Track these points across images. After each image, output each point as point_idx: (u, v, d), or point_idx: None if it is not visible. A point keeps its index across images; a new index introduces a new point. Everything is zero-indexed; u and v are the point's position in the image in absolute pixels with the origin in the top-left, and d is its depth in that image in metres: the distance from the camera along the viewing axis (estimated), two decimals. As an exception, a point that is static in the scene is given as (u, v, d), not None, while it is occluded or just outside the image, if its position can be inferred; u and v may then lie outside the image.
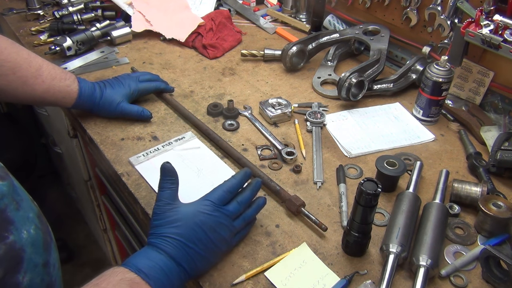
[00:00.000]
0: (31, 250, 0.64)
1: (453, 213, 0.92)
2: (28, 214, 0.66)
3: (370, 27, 1.42)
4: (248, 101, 1.25)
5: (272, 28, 1.63)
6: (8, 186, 0.64)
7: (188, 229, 0.75)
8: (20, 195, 0.67)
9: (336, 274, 0.80)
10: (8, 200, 0.63)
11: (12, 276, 0.60)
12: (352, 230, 0.80)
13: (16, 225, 0.62)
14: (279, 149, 1.07)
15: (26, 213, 0.66)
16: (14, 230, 0.61)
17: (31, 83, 1.00)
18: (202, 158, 1.04)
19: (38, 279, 0.64)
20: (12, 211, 0.63)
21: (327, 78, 1.35)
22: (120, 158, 1.03)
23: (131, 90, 1.12)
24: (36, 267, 0.64)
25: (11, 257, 0.60)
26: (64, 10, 1.54)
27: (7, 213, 0.61)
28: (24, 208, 0.66)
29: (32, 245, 0.64)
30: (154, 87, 1.19)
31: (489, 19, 1.05)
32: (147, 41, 1.52)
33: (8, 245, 0.60)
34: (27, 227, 0.64)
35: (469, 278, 0.80)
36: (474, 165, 1.02)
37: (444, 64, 1.11)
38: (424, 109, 1.17)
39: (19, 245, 0.61)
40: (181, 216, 0.76)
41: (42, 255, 0.66)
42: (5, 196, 0.62)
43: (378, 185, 0.74)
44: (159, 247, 0.73)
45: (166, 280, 0.70)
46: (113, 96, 1.09)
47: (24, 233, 0.63)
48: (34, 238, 0.65)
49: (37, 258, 0.65)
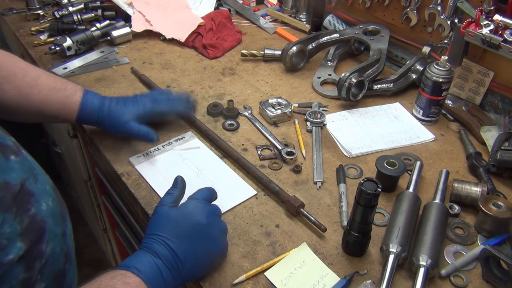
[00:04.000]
0: (51, 221, 0.68)
1: (453, 213, 0.92)
2: (45, 187, 0.70)
3: (370, 27, 1.42)
4: (248, 101, 1.25)
5: (272, 28, 1.63)
6: (22, 161, 0.67)
7: (176, 227, 0.74)
8: (36, 169, 0.70)
9: (336, 274, 0.80)
10: (26, 174, 0.66)
11: (37, 246, 0.64)
12: (352, 230, 0.80)
13: (36, 197, 0.66)
14: (279, 149, 1.07)
15: (43, 186, 0.69)
16: (34, 203, 0.65)
17: (26, 93, 0.93)
18: (202, 158, 1.04)
19: (58, 248, 0.69)
20: (31, 184, 0.66)
21: (327, 78, 1.35)
22: (120, 158, 1.03)
23: (145, 111, 1.02)
24: (56, 237, 0.69)
25: (34, 228, 0.64)
26: (64, 10, 1.54)
27: (27, 186, 0.65)
28: (41, 181, 0.69)
29: (51, 216, 0.68)
30: (173, 112, 1.09)
31: (489, 19, 1.05)
32: (147, 41, 1.52)
33: (31, 217, 0.64)
34: (46, 199, 0.68)
35: (469, 278, 0.80)
36: (474, 165, 1.02)
37: (444, 64, 1.11)
38: (424, 109, 1.17)
39: (40, 216, 0.65)
40: (170, 215, 0.76)
41: (60, 226, 0.71)
42: (22, 170, 0.65)
43: (378, 185, 0.74)
44: (147, 246, 0.73)
45: (156, 274, 0.69)
46: (122, 113, 1.00)
47: (43, 205, 0.67)
48: (52, 209, 0.69)
49: (56, 229, 0.69)
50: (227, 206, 0.92)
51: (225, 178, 0.99)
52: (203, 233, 0.76)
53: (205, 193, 0.83)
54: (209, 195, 0.83)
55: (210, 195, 0.84)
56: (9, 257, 0.59)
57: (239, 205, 0.93)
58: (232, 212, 0.92)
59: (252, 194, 0.95)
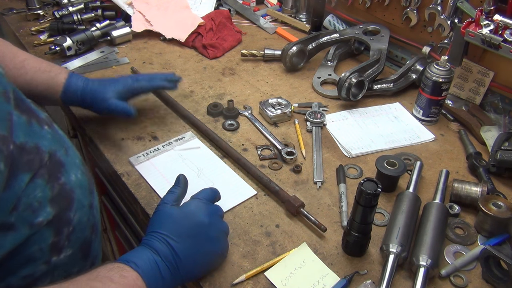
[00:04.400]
0: (79, 192, 0.73)
1: (453, 213, 0.92)
2: (74, 160, 0.75)
3: (370, 27, 1.42)
4: (248, 101, 1.25)
5: (272, 28, 1.63)
6: (54, 133, 0.73)
7: (178, 225, 0.74)
8: (67, 142, 0.76)
9: (336, 274, 0.80)
10: (57, 145, 0.71)
11: (65, 213, 0.69)
12: (352, 230, 0.80)
13: (66, 168, 0.71)
14: (279, 149, 1.07)
15: (73, 159, 0.75)
16: (64, 172, 0.70)
17: (14, 74, 0.96)
18: (202, 158, 1.04)
19: (85, 218, 0.74)
20: (62, 156, 0.71)
21: (327, 78, 1.35)
22: (120, 158, 1.03)
23: (125, 88, 1.06)
24: (84, 207, 0.74)
25: (63, 196, 0.69)
26: (64, 10, 1.54)
27: (58, 156, 0.70)
28: (71, 154, 0.75)
29: (79, 188, 0.73)
30: (151, 87, 1.11)
31: (489, 19, 1.05)
32: (147, 41, 1.52)
33: (61, 185, 0.69)
34: (75, 171, 0.74)
35: (469, 278, 0.80)
36: (474, 165, 1.02)
37: (444, 64, 1.11)
38: (424, 109, 1.17)
39: (69, 186, 0.71)
40: (171, 214, 0.76)
41: (88, 198, 0.76)
42: (53, 141, 0.70)
43: (378, 185, 0.74)
44: (147, 243, 0.72)
45: (154, 270, 0.69)
46: (104, 91, 1.03)
47: (73, 176, 0.73)
48: (81, 181, 0.75)
49: (84, 200, 0.74)
50: (227, 206, 0.92)
51: (225, 178, 0.99)
52: (204, 233, 0.76)
53: (208, 193, 0.82)
54: (212, 195, 0.83)
55: (213, 195, 0.83)
56: (39, 219, 0.64)
57: (239, 205, 0.93)
58: (232, 212, 0.92)
59: (252, 194, 0.95)
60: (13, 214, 0.60)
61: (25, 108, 0.68)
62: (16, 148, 0.60)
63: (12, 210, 0.60)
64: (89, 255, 0.77)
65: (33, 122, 0.67)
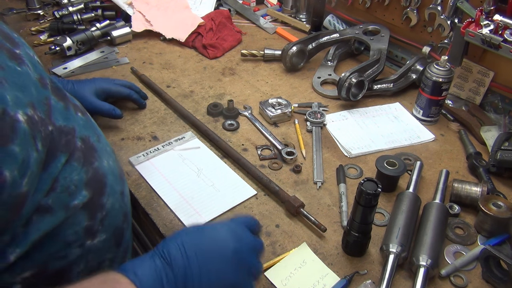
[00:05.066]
0: (112, 178, 0.74)
1: (453, 213, 0.92)
2: (106, 148, 0.77)
3: (370, 27, 1.42)
4: (248, 101, 1.25)
5: (272, 28, 1.63)
6: (87, 120, 0.75)
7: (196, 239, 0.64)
8: (98, 130, 0.79)
9: (336, 274, 0.80)
10: (90, 131, 0.73)
11: (98, 197, 0.70)
12: (352, 230, 0.80)
13: (99, 153, 0.72)
14: (279, 149, 1.07)
15: (104, 147, 0.76)
16: (98, 157, 0.71)
17: None
18: (202, 158, 1.04)
19: (117, 205, 0.74)
20: (95, 142, 0.73)
21: (327, 78, 1.35)
22: (120, 158, 1.03)
23: (102, 88, 1.11)
24: (116, 193, 0.74)
25: (97, 180, 0.70)
26: (64, 10, 1.54)
27: (91, 142, 0.72)
28: (103, 142, 0.77)
29: (111, 174, 0.74)
30: (127, 94, 1.16)
31: (489, 19, 1.05)
32: (147, 41, 1.52)
33: (95, 169, 0.70)
34: (107, 158, 0.75)
35: (469, 278, 0.80)
36: (474, 165, 1.02)
37: (444, 64, 1.11)
38: (424, 109, 1.17)
39: (102, 171, 0.71)
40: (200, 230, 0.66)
41: (119, 184, 0.77)
42: (86, 127, 0.72)
43: (378, 185, 0.74)
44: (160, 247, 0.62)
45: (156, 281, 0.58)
46: (83, 92, 1.07)
47: (105, 162, 0.74)
48: (113, 168, 0.76)
49: (116, 186, 0.75)
50: (227, 206, 0.92)
51: (225, 178, 0.99)
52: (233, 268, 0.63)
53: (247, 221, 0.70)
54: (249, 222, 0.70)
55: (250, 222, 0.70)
56: (75, 202, 0.65)
57: (239, 205, 0.93)
58: (232, 212, 0.92)
59: (252, 194, 0.95)
60: (50, 195, 0.61)
61: (62, 95, 0.70)
62: (56, 130, 0.63)
63: (49, 191, 0.61)
64: (121, 243, 0.76)
65: (70, 107, 0.70)
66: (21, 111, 0.55)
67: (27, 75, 0.60)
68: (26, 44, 0.69)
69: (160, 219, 0.89)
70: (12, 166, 0.53)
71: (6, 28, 0.66)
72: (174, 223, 0.89)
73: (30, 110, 0.57)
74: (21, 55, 0.63)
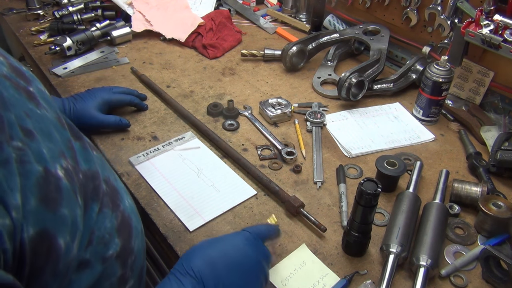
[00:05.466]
0: (134, 218, 0.68)
1: (453, 213, 0.92)
2: (122, 185, 0.71)
3: (370, 27, 1.42)
4: (248, 101, 1.25)
5: (272, 28, 1.63)
6: (101, 158, 0.67)
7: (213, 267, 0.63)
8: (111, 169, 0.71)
9: (336, 274, 0.80)
10: (108, 171, 0.66)
11: (129, 242, 0.64)
12: (352, 230, 0.80)
13: (121, 194, 0.67)
14: (279, 149, 1.07)
15: (121, 184, 0.71)
16: (121, 199, 0.66)
17: None
18: (202, 158, 1.04)
19: (141, 245, 0.69)
20: (114, 181, 0.67)
21: (327, 78, 1.35)
22: (120, 158, 1.03)
23: (103, 101, 1.09)
24: (139, 233, 0.69)
25: (125, 224, 0.64)
26: (64, 10, 1.54)
27: (112, 183, 0.65)
28: (118, 180, 0.71)
29: (133, 213, 0.69)
30: (129, 101, 1.15)
31: (489, 19, 1.05)
32: (147, 41, 1.52)
33: (122, 213, 0.64)
34: (126, 197, 0.69)
35: (469, 278, 0.80)
36: (474, 165, 1.02)
37: (444, 64, 1.11)
38: (424, 109, 1.17)
39: (127, 213, 0.66)
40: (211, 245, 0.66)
41: (139, 223, 0.71)
42: (102, 167, 0.64)
43: (378, 185, 0.74)
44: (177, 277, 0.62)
45: None
46: (86, 109, 1.05)
47: (127, 202, 0.68)
48: (132, 206, 0.70)
49: (138, 225, 0.69)
50: (227, 206, 0.92)
51: (225, 178, 0.99)
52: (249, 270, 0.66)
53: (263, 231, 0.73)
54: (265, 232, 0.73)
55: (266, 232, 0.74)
56: (110, 252, 0.59)
57: (239, 205, 0.93)
58: (232, 212, 0.92)
59: (252, 194, 0.95)
60: (88, 249, 0.55)
61: (76, 134, 0.63)
62: (84, 177, 0.57)
63: (87, 245, 0.55)
64: (142, 280, 0.72)
65: (87, 147, 0.63)
66: (58, 165, 0.50)
67: (47, 118, 0.54)
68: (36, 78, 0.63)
69: (160, 219, 0.89)
70: (65, 233, 0.48)
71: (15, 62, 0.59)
72: (174, 223, 0.89)
73: (63, 161, 0.51)
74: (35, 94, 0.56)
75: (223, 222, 0.89)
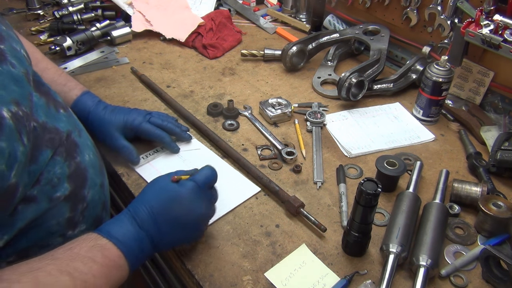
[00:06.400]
0: (92, 171, 0.79)
1: (453, 213, 0.92)
2: (87, 142, 0.81)
3: (370, 27, 1.42)
4: (248, 101, 1.25)
5: (272, 28, 1.63)
6: (69, 116, 0.78)
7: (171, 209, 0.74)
8: (79, 125, 0.82)
9: (336, 274, 0.80)
10: (71, 127, 0.77)
11: (80, 190, 0.75)
12: (352, 230, 0.80)
13: (80, 148, 0.77)
14: (279, 149, 1.07)
15: (85, 141, 0.81)
16: (79, 152, 0.76)
17: None
18: (202, 159, 1.04)
19: (97, 197, 0.80)
20: (76, 137, 0.77)
21: (327, 78, 1.35)
22: (120, 158, 1.03)
23: (131, 126, 1.00)
24: (96, 186, 0.80)
25: (79, 174, 0.75)
26: (64, 10, 1.54)
27: (73, 137, 0.76)
28: (84, 136, 0.81)
29: (92, 167, 0.79)
30: (158, 137, 1.02)
31: (489, 19, 1.05)
32: (147, 41, 1.52)
33: (77, 164, 0.75)
34: (88, 152, 0.80)
35: (469, 278, 0.80)
36: (474, 165, 1.02)
37: (444, 64, 1.11)
38: (424, 109, 1.17)
39: (83, 165, 0.76)
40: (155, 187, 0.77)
41: (99, 177, 0.82)
42: (68, 123, 0.76)
43: (378, 185, 0.74)
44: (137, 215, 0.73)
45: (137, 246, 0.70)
46: (110, 124, 0.99)
47: (86, 156, 0.78)
48: (93, 161, 0.80)
49: (96, 179, 0.80)
50: (231, 205, 0.92)
51: (227, 177, 0.99)
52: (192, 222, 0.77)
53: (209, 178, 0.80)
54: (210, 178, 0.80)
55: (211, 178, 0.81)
56: (57, 194, 0.70)
57: (239, 205, 0.93)
58: (232, 212, 0.92)
59: (256, 191, 0.95)
60: (35, 187, 0.66)
61: (44, 91, 0.74)
62: (39, 126, 0.67)
63: (34, 183, 0.66)
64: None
65: (51, 105, 0.74)
66: (5, 108, 0.58)
67: (8, 73, 0.63)
68: (13, 37, 0.72)
69: (160, 219, 0.89)
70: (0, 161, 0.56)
71: None
72: (174, 223, 0.89)
73: (14, 107, 0.60)
74: (4, 51, 0.65)
75: (223, 222, 0.89)
